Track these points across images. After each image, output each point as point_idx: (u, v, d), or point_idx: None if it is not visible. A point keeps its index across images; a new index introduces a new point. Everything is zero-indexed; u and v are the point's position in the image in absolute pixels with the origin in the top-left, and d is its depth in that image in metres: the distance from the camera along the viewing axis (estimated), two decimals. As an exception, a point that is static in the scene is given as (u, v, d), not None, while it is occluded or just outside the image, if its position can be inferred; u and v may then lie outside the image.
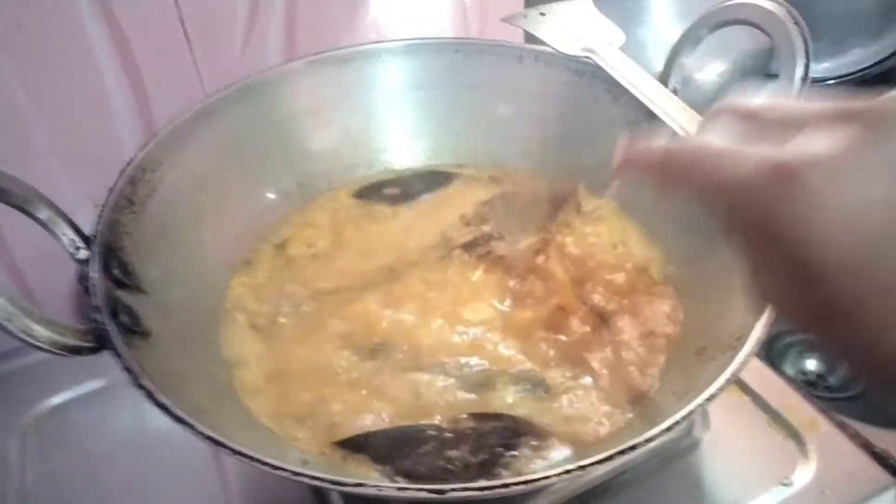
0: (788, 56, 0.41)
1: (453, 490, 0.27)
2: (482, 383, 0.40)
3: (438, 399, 0.39)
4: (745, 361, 0.32)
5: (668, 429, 0.29)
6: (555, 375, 0.40)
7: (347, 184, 0.54)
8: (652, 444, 0.30)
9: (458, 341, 0.42)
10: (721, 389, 0.31)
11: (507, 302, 0.45)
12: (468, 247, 0.49)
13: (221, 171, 0.48)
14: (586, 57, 0.51)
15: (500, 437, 0.37)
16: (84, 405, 0.52)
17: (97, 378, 0.53)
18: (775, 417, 0.46)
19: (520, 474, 0.30)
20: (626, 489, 0.44)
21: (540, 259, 0.47)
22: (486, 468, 0.35)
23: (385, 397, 0.39)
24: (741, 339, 0.34)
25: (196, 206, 0.46)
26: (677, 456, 0.46)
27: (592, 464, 0.28)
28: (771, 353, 0.64)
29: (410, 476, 0.35)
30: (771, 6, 0.42)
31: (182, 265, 0.44)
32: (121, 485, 0.47)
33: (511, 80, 0.54)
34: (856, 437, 0.45)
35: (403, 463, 0.35)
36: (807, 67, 0.41)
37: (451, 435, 0.37)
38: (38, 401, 0.52)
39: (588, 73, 0.52)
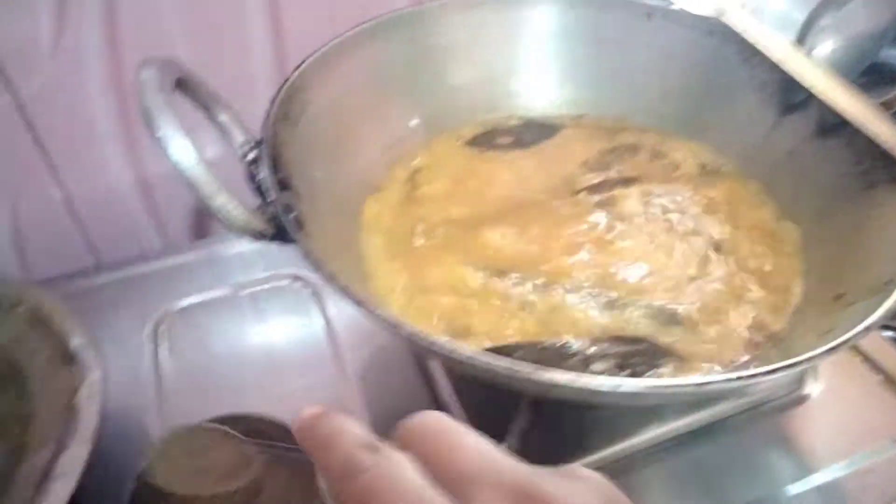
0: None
1: (624, 385, 0.29)
2: (614, 311, 0.42)
3: (573, 321, 0.41)
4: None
5: (829, 350, 0.31)
6: (688, 310, 0.42)
7: (473, 123, 0.56)
8: (791, 371, 0.31)
9: (590, 273, 0.44)
10: (872, 326, 0.32)
11: (640, 239, 0.46)
12: (594, 189, 0.50)
13: (361, 99, 0.50)
14: (717, 17, 0.52)
15: (642, 357, 0.39)
16: (209, 310, 0.55)
17: (220, 287, 0.57)
18: (887, 378, 0.47)
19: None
20: (729, 434, 0.46)
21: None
22: None
23: (521, 314, 0.41)
24: (890, 283, 0.35)
25: (337, 128, 0.48)
26: (785, 408, 0.47)
27: (778, 369, 0.29)
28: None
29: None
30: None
31: (324, 180, 0.46)
32: (246, 380, 0.50)
33: (639, 37, 0.55)
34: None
35: None
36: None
37: (595, 350, 0.39)
38: (168, 302, 0.55)
39: (718, 34, 0.52)
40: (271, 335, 0.53)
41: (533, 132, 0.56)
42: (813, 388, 0.47)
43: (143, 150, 0.59)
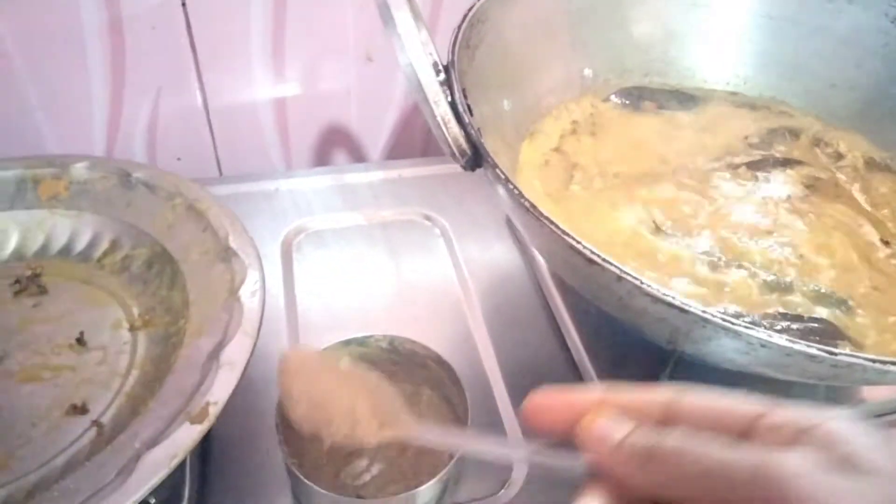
0: None
1: (844, 355, 0.28)
2: (780, 291, 0.41)
3: (739, 291, 0.40)
4: None
5: None
6: (857, 300, 0.40)
7: (628, 82, 0.54)
8: None
9: (751, 249, 0.43)
10: None
11: (802, 222, 0.45)
12: (755, 166, 0.49)
13: (533, 39, 0.49)
14: (911, 6, 0.49)
15: (819, 336, 0.37)
16: (339, 235, 0.55)
17: (351, 214, 0.56)
18: None
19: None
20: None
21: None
22: None
23: (688, 276, 0.40)
24: None
25: (508, 66, 0.47)
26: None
27: None
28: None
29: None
30: None
31: (488, 116, 0.45)
32: (378, 305, 0.50)
33: (817, 17, 0.53)
34: None
35: None
36: None
37: (768, 323, 0.38)
38: (297, 221, 0.55)
39: (906, 24, 0.50)
40: (401, 268, 0.53)
41: (683, 101, 0.54)
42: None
43: (287, 69, 0.59)
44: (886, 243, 0.44)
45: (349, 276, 0.52)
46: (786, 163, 0.49)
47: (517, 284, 0.52)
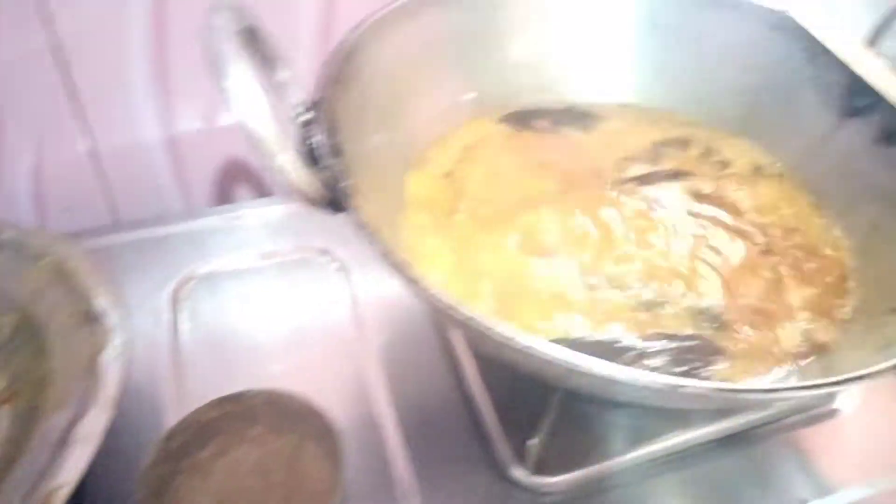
0: None
1: (688, 386, 0.28)
2: (658, 308, 0.40)
3: (618, 314, 0.40)
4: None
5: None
6: (733, 314, 0.40)
7: (520, 102, 0.54)
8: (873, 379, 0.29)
9: (633, 267, 0.42)
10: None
11: (686, 236, 0.44)
12: (641, 180, 0.48)
13: (414, 68, 0.48)
14: (785, 12, 0.50)
15: (696, 354, 0.37)
16: (232, 278, 0.53)
17: (245, 255, 0.55)
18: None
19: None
20: (750, 444, 0.44)
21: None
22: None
23: (567, 304, 0.40)
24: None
25: (387, 97, 0.46)
26: (811, 421, 0.46)
27: (822, 385, 0.28)
28: None
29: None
30: None
31: (369, 151, 0.44)
32: (269, 353, 0.48)
33: (699, 26, 0.53)
34: None
35: None
36: None
37: (647, 346, 0.37)
38: (188, 268, 0.53)
39: (785, 29, 0.50)
40: (295, 308, 0.51)
41: (575, 118, 0.54)
42: (845, 405, 0.46)
43: (176, 106, 0.57)
44: (766, 254, 0.44)
45: (241, 323, 0.50)
46: (673, 175, 0.49)
47: (414, 320, 0.50)
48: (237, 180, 0.64)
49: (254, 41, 0.34)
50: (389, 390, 0.46)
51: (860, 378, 0.29)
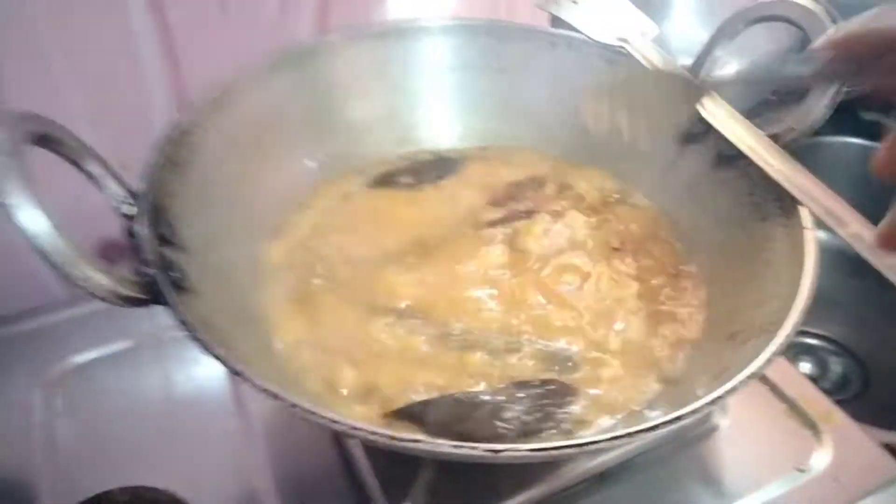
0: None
1: (507, 450, 0.28)
2: (513, 354, 0.41)
3: (476, 367, 0.40)
4: (785, 343, 0.33)
5: (713, 402, 0.30)
6: (583, 353, 0.41)
7: (377, 160, 0.54)
8: (692, 418, 0.30)
9: (490, 315, 0.43)
10: (763, 367, 0.32)
11: (540, 276, 0.45)
12: (497, 223, 0.49)
13: (259, 139, 0.48)
14: (620, 46, 0.52)
15: (552, 398, 0.38)
16: (108, 365, 0.52)
17: (121, 339, 0.54)
18: (792, 407, 0.48)
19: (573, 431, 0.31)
20: (641, 471, 0.45)
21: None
22: (541, 426, 0.38)
23: (427, 365, 0.40)
24: (776, 323, 0.35)
25: (234, 171, 0.47)
26: (695, 440, 0.47)
27: (641, 431, 0.29)
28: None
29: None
30: (810, 4, 0.43)
31: (221, 228, 0.44)
32: (147, 443, 0.47)
33: (542, 66, 0.55)
34: (869, 430, 0.46)
35: (460, 427, 0.37)
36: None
37: (503, 398, 0.38)
38: (62, 359, 0.52)
39: (621, 63, 0.52)
40: (174, 391, 0.51)
41: (437, 168, 0.55)
42: (722, 420, 0.47)
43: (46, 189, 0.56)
44: (618, 286, 0.45)
45: (117, 414, 0.49)
46: (526, 214, 0.50)
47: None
48: (112, 261, 0.63)
49: (53, 143, 0.34)
50: (271, 465, 0.46)
51: (678, 419, 0.30)
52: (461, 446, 0.28)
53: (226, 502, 0.43)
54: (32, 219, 0.29)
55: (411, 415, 0.38)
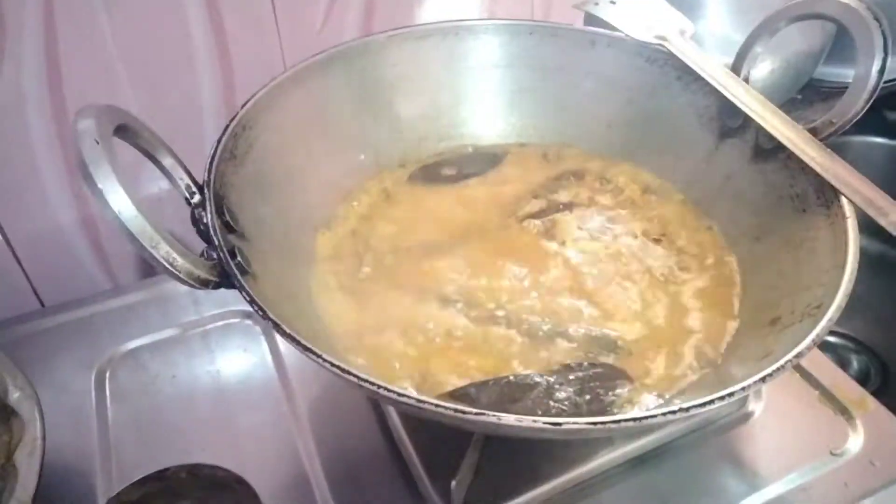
0: (867, 51, 0.43)
1: (567, 423, 0.30)
2: (558, 339, 0.43)
3: (522, 350, 0.42)
4: (827, 327, 0.34)
5: (762, 379, 0.32)
6: (628, 338, 0.43)
7: (421, 154, 0.56)
8: (741, 395, 0.32)
9: (533, 302, 0.45)
10: (806, 351, 0.33)
11: (581, 264, 0.47)
12: (537, 215, 0.51)
13: (309, 134, 0.50)
14: (658, 44, 0.53)
15: (600, 381, 0.40)
16: (155, 352, 0.54)
17: (167, 327, 0.56)
18: (825, 394, 0.49)
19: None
20: (676, 456, 0.46)
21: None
22: (594, 407, 0.39)
23: (476, 350, 0.42)
24: (821, 307, 0.36)
25: (285, 165, 0.48)
26: (729, 426, 0.48)
27: (695, 406, 0.30)
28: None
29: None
30: (853, 2, 0.44)
31: (272, 218, 0.46)
32: (196, 426, 0.49)
33: (582, 64, 0.56)
34: (898, 421, 0.47)
35: (514, 408, 0.38)
36: (884, 62, 0.43)
37: (553, 379, 0.40)
38: (111, 346, 0.54)
39: (660, 61, 0.54)
40: (221, 376, 0.52)
41: (478, 162, 0.57)
42: (756, 406, 0.49)
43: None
44: (658, 275, 0.47)
45: (166, 398, 0.51)
46: (566, 206, 0.52)
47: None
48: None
49: (131, 135, 0.36)
50: (317, 447, 0.48)
51: (730, 395, 0.31)
52: (524, 419, 0.30)
53: (277, 483, 0.44)
54: (122, 203, 0.31)
55: (465, 396, 0.40)
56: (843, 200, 0.41)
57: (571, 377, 0.41)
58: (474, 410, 0.30)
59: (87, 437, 0.48)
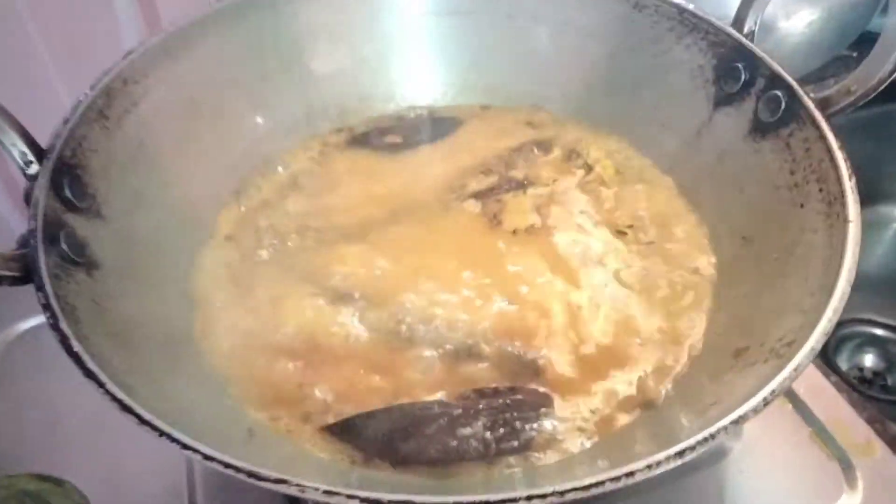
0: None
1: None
2: (469, 357, 0.35)
3: (426, 367, 0.34)
4: (791, 377, 0.25)
5: (680, 454, 0.23)
6: (554, 360, 0.34)
7: (355, 117, 0.48)
8: (655, 472, 0.23)
9: (447, 307, 0.37)
10: (752, 412, 0.25)
11: (519, 262, 0.38)
12: (481, 195, 0.42)
13: (217, 90, 0.43)
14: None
15: (517, 412, 0.32)
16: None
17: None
18: (820, 432, 0.40)
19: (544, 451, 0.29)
20: (643, 494, 0.38)
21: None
22: (507, 444, 0.32)
23: (373, 365, 0.34)
24: (792, 346, 0.27)
25: (183, 127, 0.41)
26: (702, 464, 0.40)
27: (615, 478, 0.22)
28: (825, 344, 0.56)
29: (415, 462, 0.31)
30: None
31: (157, 191, 0.39)
32: (85, 419, 0.43)
33: (558, 10, 0.47)
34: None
35: (406, 446, 0.31)
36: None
37: (460, 410, 0.32)
38: (8, 324, 0.49)
39: (650, 8, 0.43)
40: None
41: (431, 128, 0.48)
42: (734, 442, 0.40)
43: None
44: (616, 281, 0.38)
45: (53, 378, 0.45)
46: (518, 186, 0.43)
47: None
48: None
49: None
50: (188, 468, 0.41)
51: (629, 475, 0.23)
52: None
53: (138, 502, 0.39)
54: None
55: (350, 429, 0.33)
56: (850, 199, 0.32)
57: (483, 404, 0.33)
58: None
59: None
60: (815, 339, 0.26)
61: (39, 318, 0.48)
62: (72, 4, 0.49)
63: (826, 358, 0.64)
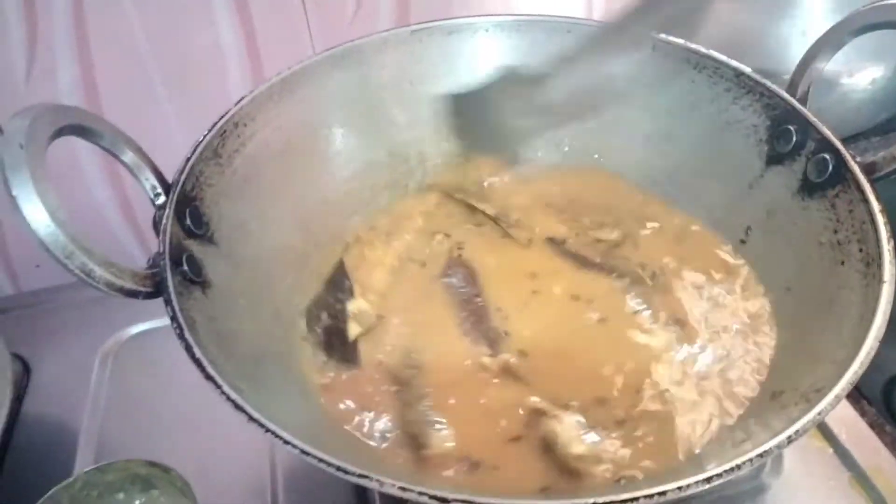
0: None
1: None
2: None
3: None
4: (815, 420, 0.28)
5: (707, 479, 0.26)
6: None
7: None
8: (684, 494, 0.27)
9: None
10: (776, 447, 0.28)
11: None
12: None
13: (313, 134, 0.48)
14: (707, 50, 0.47)
15: None
16: (161, 337, 0.55)
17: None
18: (860, 477, 0.41)
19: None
20: None
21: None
22: None
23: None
24: (820, 392, 0.30)
25: (283, 167, 0.46)
26: (743, 496, 0.42)
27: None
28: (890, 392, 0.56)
29: None
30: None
31: (258, 223, 0.44)
32: (186, 414, 0.49)
33: (622, 68, 0.50)
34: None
35: None
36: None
37: None
38: (119, 328, 0.55)
39: (709, 69, 0.47)
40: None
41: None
42: (772, 479, 0.42)
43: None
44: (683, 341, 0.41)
45: (163, 377, 0.51)
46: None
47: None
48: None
49: (88, 134, 0.36)
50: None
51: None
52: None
53: (229, 489, 0.44)
54: (34, 211, 0.30)
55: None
56: (886, 260, 0.34)
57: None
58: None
59: (80, 415, 0.50)
60: (841, 388, 0.29)
61: (144, 325, 0.55)
62: (187, 49, 0.56)
63: (888, 403, 0.65)
